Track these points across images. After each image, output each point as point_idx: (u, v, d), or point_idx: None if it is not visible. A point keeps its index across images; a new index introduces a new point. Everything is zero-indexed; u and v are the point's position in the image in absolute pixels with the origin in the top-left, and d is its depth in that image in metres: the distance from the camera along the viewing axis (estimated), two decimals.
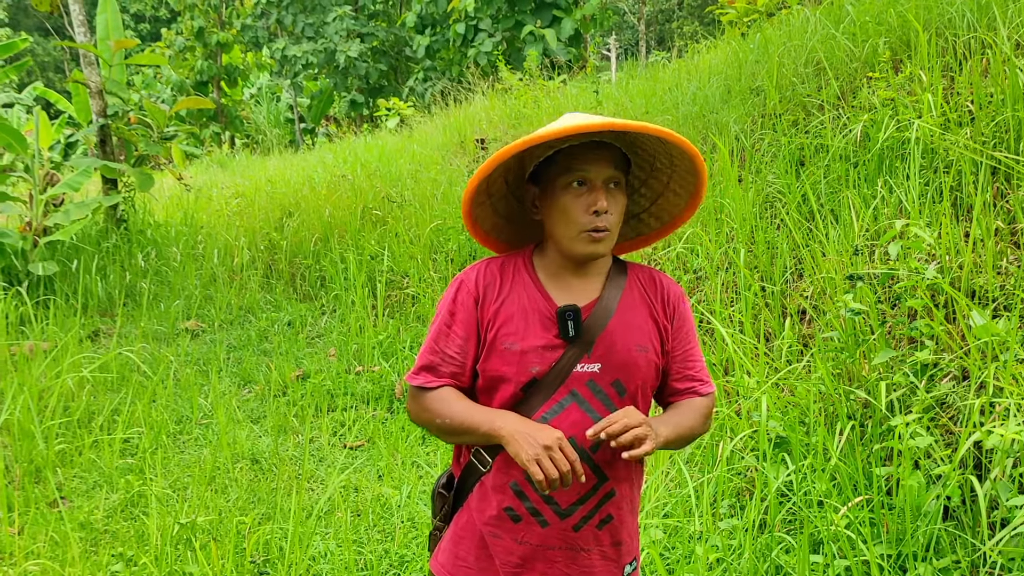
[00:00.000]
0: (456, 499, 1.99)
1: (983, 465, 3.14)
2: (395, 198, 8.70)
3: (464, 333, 1.89)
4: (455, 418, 1.85)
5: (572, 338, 1.83)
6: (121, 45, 9.53)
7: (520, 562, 1.88)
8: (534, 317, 1.86)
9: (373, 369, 6.16)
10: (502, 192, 1.98)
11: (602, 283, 1.93)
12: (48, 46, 40.73)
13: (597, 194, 1.81)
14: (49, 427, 5.07)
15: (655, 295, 1.96)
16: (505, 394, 1.86)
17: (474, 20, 17.13)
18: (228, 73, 23.89)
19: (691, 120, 6.91)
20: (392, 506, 4.24)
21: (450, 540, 1.99)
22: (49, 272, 7.76)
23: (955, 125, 4.55)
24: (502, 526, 1.88)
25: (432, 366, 1.91)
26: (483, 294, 1.90)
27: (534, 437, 1.72)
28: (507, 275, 1.92)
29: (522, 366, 1.84)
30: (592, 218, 1.81)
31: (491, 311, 1.88)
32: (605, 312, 1.88)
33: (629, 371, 1.87)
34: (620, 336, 1.87)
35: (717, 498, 3.66)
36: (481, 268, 1.94)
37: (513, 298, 1.89)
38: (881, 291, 4.05)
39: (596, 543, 1.89)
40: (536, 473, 1.69)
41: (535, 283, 1.91)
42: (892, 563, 2.98)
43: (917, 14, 5.56)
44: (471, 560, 1.94)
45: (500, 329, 1.86)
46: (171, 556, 3.77)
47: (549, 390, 1.83)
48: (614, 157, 1.84)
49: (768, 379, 4.01)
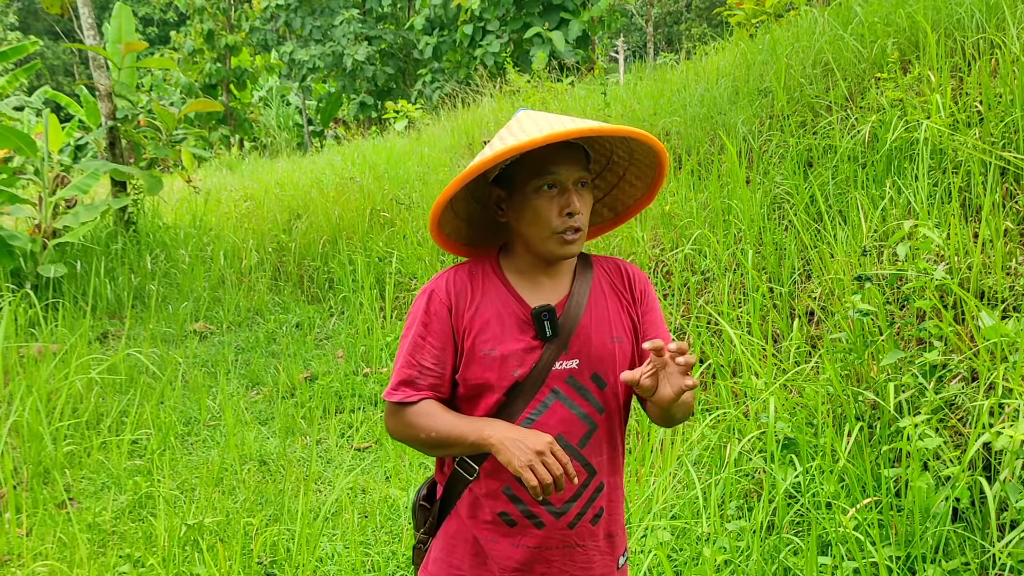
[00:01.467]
0: (443, 509, 1.96)
1: (992, 467, 3.12)
2: (403, 200, 8.72)
3: (440, 343, 1.86)
4: (440, 431, 1.82)
5: (550, 338, 1.83)
6: (130, 48, 9.57)
7: (518, 566, 1.87)
8: (510, 321, 1.85)
9: (381, 371, 6.17)
10: (461, 195, 1.92)
11: (571, 279, 1.93)
12: (58, 50, 40.91)
13: (569, 196, 1.80)
14: (57, 428, 5.09)
15: (623, 284, 1.96)
16: (489, 400, 1.84)
17: (481, 21, 17.15)
18: (237, 76, 23.96)
19: (699, 121, 6.90)
20: (399, 507, 4.24)
21: (441, 550, 1.96)
22: (58, 274, 7.79)
23: (964, 126, 4.53)
24: (498, 531, 1.87)
25: (410, 380, 1.87)
26: (455, 302, 1.86)
27: (525, 443, 1.71)
28: (477, 281, 1.89)
29: (504, 371, 1.82)
30: (565, 220, 1.81)
31: (466, 319, 1.85)
32: (577, 308, 1.87)
33: (606, 364, 1.87)
34: (595, 330, 1.87)
35: (725, 500, 3.65)
36: (449, 276, 1.90)
37: (486, 304, 1.86)
38: (890, 292, 4.04)
39: (591, 538, 1.89)
40: (530, 480, 1.67)
41: (506, 286, 1.89)
42: (901, 565, 2.97)
43: (926, 15, 5.55)
44: (465, 568, 1.92)
45: (477, 337, 1.84)
46: (179, 557, 3.78)
47: (532, 391, 1.83)
48: (580, 157, 1.85)
49: (776, 380, 4.00)
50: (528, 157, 1.80)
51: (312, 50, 21.37)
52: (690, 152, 6.58)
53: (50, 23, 40.48)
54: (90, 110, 10.36)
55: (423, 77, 20.01)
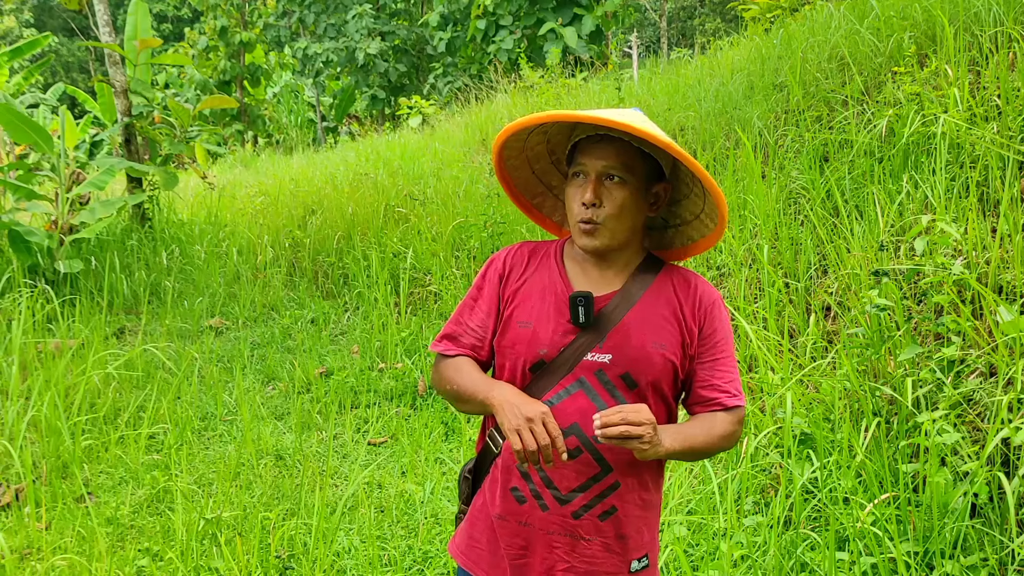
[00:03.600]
0: (475, 483, 2.04)
1: (1011, 462, 3.11)
2: (417, 196, 8.73)
3: (487, 308, 1.97)
4: (461, 385, 1.91)
5: (583, 325, 1.84)
6: (145, 45, 9.60)
7: (524, 544, 1.90)
8: (550, 299, 1.90)
9: (396, 366, 6.18)
10: (547, 163, 2.06)
11: (627, 276, 1.93)
12: (73, 46, 41.09)
13: (587, 186, 1.83)
14: (76, 423, 5.12)
15: (685, 296, 1.92)
16: (515, 371, 1.90)
17: (495, 17, 17.13)
18: (251, 72, 24.00)
19: (714, 116, 6.89)
20: (415, 502, 4.25)
21: (467, 522, 2.04)
22: (75, 270, 7.82)
23: (981, 120, 4.50)
24: (508, 508, 1.91)
25: (454, 336, 2.00)
26: (509, 272, 1.97)
27: (520, 408, 1.75)
28: (536, 257, 1.99)
29: (532, 345, 1.87)
30: (582, 210, 1.84)
31: (512, 289, 1.95)
32: (623, 305, 1.87)
33: (641, 366, 1.85)
34: (636, 330, 1.86)
35: (741, 495, 3.65)
36: (513, 248, 2.02)
37: (536, 279, 1.94)
38: (907, 287, 4.02)
39: (598, 534, 1.88)
40: (515, 443, 1.72)
41: (559, 268, 1.95)
42: (919, 561, 2.96)
43: (943, 8, 5.52)
44: (484, 542, 1.98)
45: (517, 307, 1.92)
46: (197, 551, 3.80)
47: (557, 375, 1.85)
48: (619, 151, 1.82)
49: (793, 375, 3.99)
50: (577, 145, 1.89)
51: (325, 45, 21.39)
52: (705, 147, 6.57)
53: (65, 20, 40.65)
54: (105, 106, 10.38)
55: (435, 71, 20.02)
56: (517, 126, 1.85)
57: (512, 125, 1.85)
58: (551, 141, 2.01)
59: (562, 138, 1.99)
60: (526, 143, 1.99)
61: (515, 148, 1.99)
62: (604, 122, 1.74)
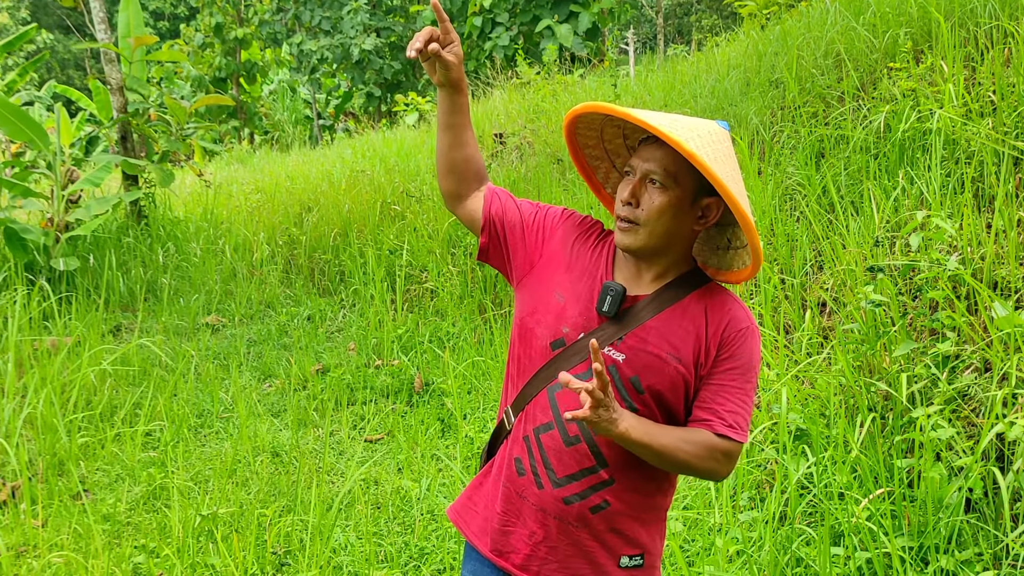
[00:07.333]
0: (489, 455, 2.09)
1: (1006, 457, 3.12)
2: (414, 193, 8.72)
3: (527, 220, 2.03)
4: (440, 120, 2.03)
5: (605, 314, 1.84)
6: (141, 42, 9.58)
7: (516, 514, 1.93)
8: (588, 281, 1.91)
9: (392, 363, 6.18)
10: (621, 143, 2.07)
11: (664, 284, 1.89)
12: (68, 44, 41.00)
13: (628, 184, 1.83)
14: (72, 420, 5.11)
15: (715, 315, 1.86)
16: (537, 346, 1.92)
17: (491, 14, 17.12)
18: (247, 69, 23.98)
19: (710, 113, 6.89)
20: (412, 499, 4.25)
21: (470, 487, 2.10)
22: (71, 267, 7.81)
23: (977, 115, 4.51)
24: (511, 477, 1.94)
25: (507, 192, 2.09)
26: (566, 229, 2.00)
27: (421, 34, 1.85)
28: (594, 235, 2.00)
29: (558, 319, 1.89)
30: (620, 206, 1.84)
31: (563, 248, 1.97)
32: (651, 309, 1.85)
33: (651, 372, 1.82)
34: (655, 337, 1.83)
35: (737, 490, 3.66)
36: (588, 217, 2.04)
37: (586, 256, 1.95)
38: (902, 283, 4.03)
39: (587, 525, 1.88)
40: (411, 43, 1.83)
41: (609, 254, 1.95)
42: (914, 555, 2.97)
43: (938, 4, 5.52)
44: (480, 507, 2.04)
45: (558, 274, 1.94)
46: (193, 548, 3.80)
47: (573, 361, 1.86)
48: (666, 157, 1.79)
49: (788, 371, 4.00)
50: (640, 140, 1.90)
51: (321, 41, 21.36)
52: None
53: (61, 17, 40.57)
54: (101, 104, 10.36)
55: None
56: (589, 108, 1.86)
57: (588, 106, 1.86)
58: (625, 127, 2.02)
59: (635, 130, 2.00)
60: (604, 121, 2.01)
61: (590, 122, 2.01)
62: (647, 126, 1.72)
